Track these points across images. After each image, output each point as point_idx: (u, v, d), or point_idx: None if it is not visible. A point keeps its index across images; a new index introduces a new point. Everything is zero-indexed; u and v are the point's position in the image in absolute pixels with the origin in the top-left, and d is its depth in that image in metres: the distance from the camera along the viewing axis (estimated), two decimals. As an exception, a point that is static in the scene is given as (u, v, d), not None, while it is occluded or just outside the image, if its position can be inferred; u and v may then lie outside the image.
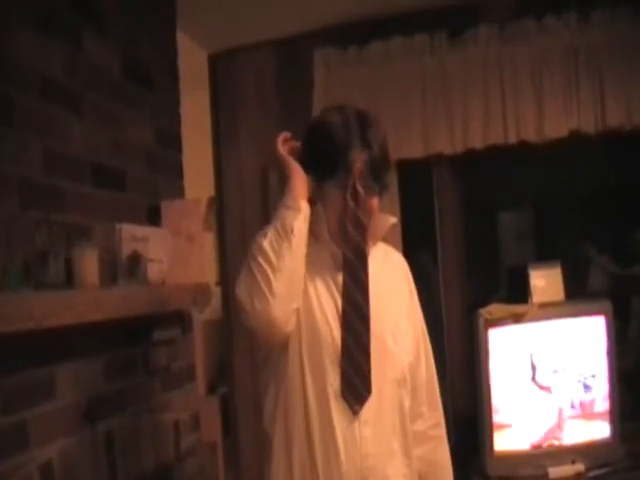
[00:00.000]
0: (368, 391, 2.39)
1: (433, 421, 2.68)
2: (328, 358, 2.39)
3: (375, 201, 2.47)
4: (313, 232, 2.46)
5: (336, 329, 2.40)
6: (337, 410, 2.37)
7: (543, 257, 4.99)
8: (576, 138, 4.41)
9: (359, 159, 2.39)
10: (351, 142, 2.40)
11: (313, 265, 2.44)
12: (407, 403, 2.55)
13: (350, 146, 2.39)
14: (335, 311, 2.42)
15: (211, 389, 4.48)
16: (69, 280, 2.85)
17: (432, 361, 2.73)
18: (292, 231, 2.32)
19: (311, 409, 2.38)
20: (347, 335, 2.37)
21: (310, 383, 2.39)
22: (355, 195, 2.38)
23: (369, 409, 2.39)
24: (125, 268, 3.20)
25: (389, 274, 2.62)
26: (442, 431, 2.72)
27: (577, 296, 4.56)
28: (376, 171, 2.42)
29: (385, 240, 2.69)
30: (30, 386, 2.65)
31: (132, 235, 3.27)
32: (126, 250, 3.22)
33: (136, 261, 3.22)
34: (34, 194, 2.82)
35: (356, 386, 2.37)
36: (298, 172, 2.42)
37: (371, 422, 2.39)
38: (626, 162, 4.87)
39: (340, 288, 2.42)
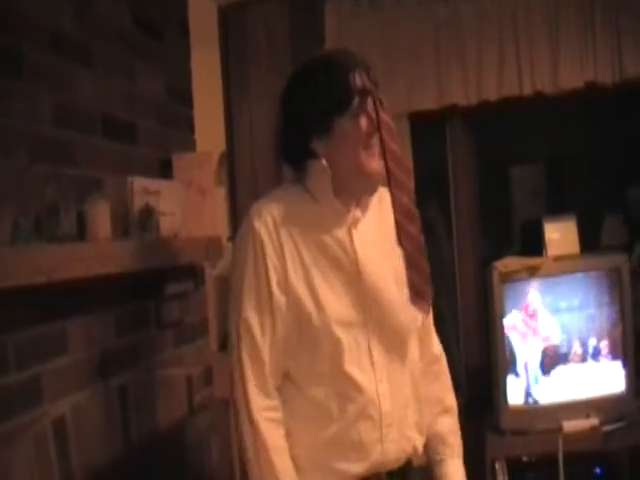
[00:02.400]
0: (431, 289, 2.42)
1: (430, 358, 2.66)
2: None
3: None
4: (311, 190, 2.40)
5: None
6: (356, 368, 2.32)
7: (555, 213, 4.95)
8: (592, 90, 4.37)
9: (367, 78, 2.31)
10: (354, 65, 2.31)
11: (314, 228, 2.35)
12: (416, 352, 2.53)
13: (356, 68, 2.30)
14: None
15: (223, 345, 4.45)
16: (81, 234, 2.83)
17: None
18: None
19: (326, 371, 2.32)
20: (406, 242, 2.36)
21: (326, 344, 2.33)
22: (381, 104, 2.29)
23: (382, 367, 2.35)
24: (137, 221, 3.18)
25: (385, 218, 2.51)
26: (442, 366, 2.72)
27: (590, 251, 4.53)
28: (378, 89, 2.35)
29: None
30: (42, 341, 2.63)
31: (144, 188, 3.24)
32: (138, 203, 3.19)
33: (148, 214, 3.19)
34: (44, 147, 2.78)
35: (423, 289, 2.39)
36: None
37: (386, 380, 2.35)
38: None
39: (350, 244, 2.36)
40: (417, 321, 2.48)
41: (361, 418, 2.32)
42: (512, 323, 4.15)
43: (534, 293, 4.17)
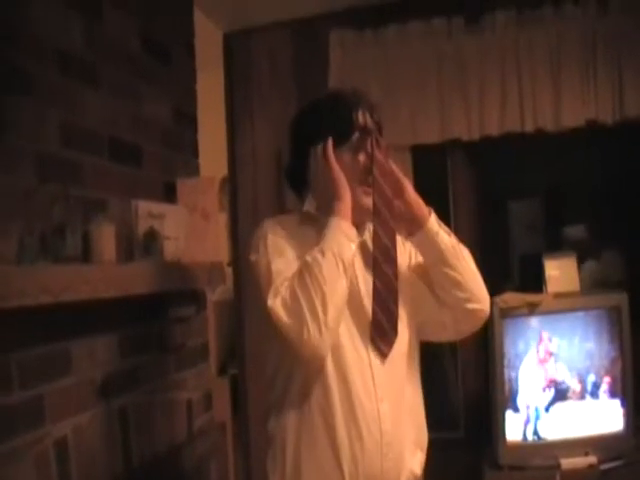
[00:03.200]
0: (395, 333, 2.39)
1: None
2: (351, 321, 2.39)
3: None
4: (308, 216, 2.52)
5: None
6: (359, 386, 2.35)
7: (553, 247, 4.95)
8: (593, 128, 4.38)
9: (370, 118, 2.44)
10: (360, 103, 2.44)
11: (304, 245, 2.39)
12: (412, 370, 2.55)
13: (360, 106, 2.43)
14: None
15: (222, 370, 4.46)
16: (85, 255, 2.83)
17: None
18: (349, 266, 2.30)
19: (332, 387, 2.35)
20: (378, 281, 2.36)
21: (330, 360, 2.35)
22: (378, 145, 2.39)
23: (383, 385, 2.38)
24: (141, 244, 3.19)
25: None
26: None
27: (589, 286, 4.53)
28: (380, 132, 2.46)
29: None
30: (46, 361, 2.64)
31: (148, 211, 3.25)
32: (142, 226, 3.20)
33: (152, 238, 3.20)
34: (51, 167, 2.80)
35: (384, 329, 2.37)
36: (348, 192, 2.38)
37: (386, 399, 2.38)
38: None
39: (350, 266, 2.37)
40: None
41: (363, 434, 2.34)
42: (520, 358, 4.15)
43: (534, 329, 4.16)
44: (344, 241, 2.29)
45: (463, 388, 4.85)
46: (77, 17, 3.03)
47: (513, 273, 5.31)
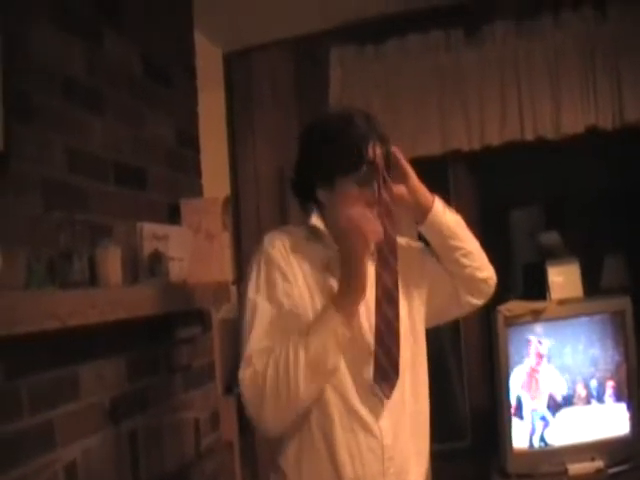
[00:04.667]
0: (396, 375, 2.36)
1: None
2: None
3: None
4: (316, 231, 2.48)
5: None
6: (358, 404, 2.36)
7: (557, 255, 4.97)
8: (593, 135, 4.40)
9: (379, 152, 2.38)
10: (372, 135, 2.38)
11: (320, 267, 2.42)
12: (421, 382, 2.57)
13: (371, 139, 2.37)
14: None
15: (228, 389, 4.46)
16: (92, 279, 2.85)
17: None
18: (329, 373, 2.31)
19: (331, 406, 2.36)
20: (380, 322, 2.34)
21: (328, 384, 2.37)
22: (385, 184, 2.35)
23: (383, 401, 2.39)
24: (146, 266, 3.21)
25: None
26: None
27: (591, 293, 4.54)
28: (388, 166, 2.41)
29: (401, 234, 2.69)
30: (55, 386, 2.66)
31: (153, 233, 3.27)
32: (147, 248, 3.22)
33: (157, 259, 3.22)
34: (57, 193, 2.82)
35: (387, 371, 2.35)
36: (365, 288, 2.29)
37: (387, 413, 2.39)
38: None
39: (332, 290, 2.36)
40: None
41: (363, 451, 2.35)
42: (519, 368, 4.16)
43: (539, 337, 4.18)
44: (332, 347, 2.26)
45: (469, 398, 4.87)
46: (79, 43, 3.06)
47: (516, 282, 5.33)
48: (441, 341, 5.09)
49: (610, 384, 4.21)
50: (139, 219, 3.29)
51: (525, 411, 4.18)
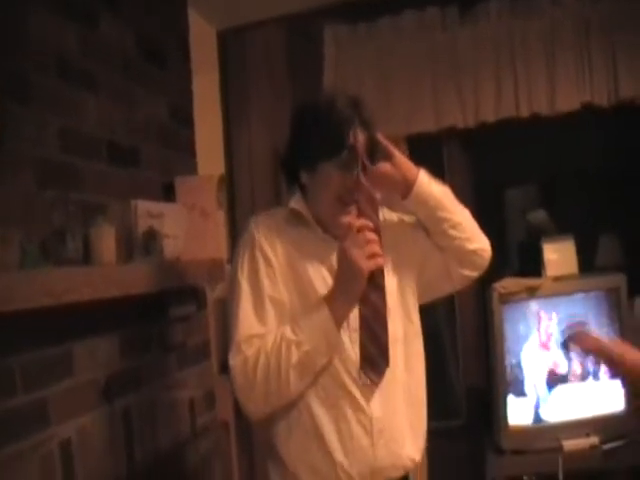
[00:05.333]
0: (386, 363, 2.37)
1: None
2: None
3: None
4: (296, 214, 2.52)
5: None
6: (345, 376, 2.39)
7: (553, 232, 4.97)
8: (588, 112, 4.39)
9: (362, 137, 2.40)
10: (354, 121, 2.40)
11: (303, 250, 2.45)
12: (415, 358, 2.58)
13: (353, 124, 2.39)
14: None
15: (223, 368, 4.45)
16: (86, 257, 2.85)
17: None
18: (318, 372, 2.35)
19: (318, 383, 2.39)
20: (365, 309, 2.34)
21: None
22: (365, 170, 2.37)
23: None
24: (141, 244, 3.20)
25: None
26: None
27: (586, 271, 4.55)
28: (372, 152, 2.43)
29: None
30: (49, 363, 2.67)
31: (147, 211, 3.27)
32: (142, 226, 3.22)
33: (152, 237, 3.22)
34: (51, 173, 2.82)
35: (375, 359, 2.36)
36: (362, 286, 2.30)
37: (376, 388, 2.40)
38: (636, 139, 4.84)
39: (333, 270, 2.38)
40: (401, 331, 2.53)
41: (352, 425, 2.38)
42: (527, 344, 4.17)
43: (537, 313, 4.19)
44: (322, 349, 2.30)
45: (464, 375, 4.88)
46: (73, 24, 3.05)
47: (511, 259, 5.33)
48: (436, 319, 5.10)
49: (605, 361, 4.22)
50: (134, 198, 3.29)
51: (520, 388, 4.18)
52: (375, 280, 2.32)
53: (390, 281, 2.49)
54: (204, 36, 4.76)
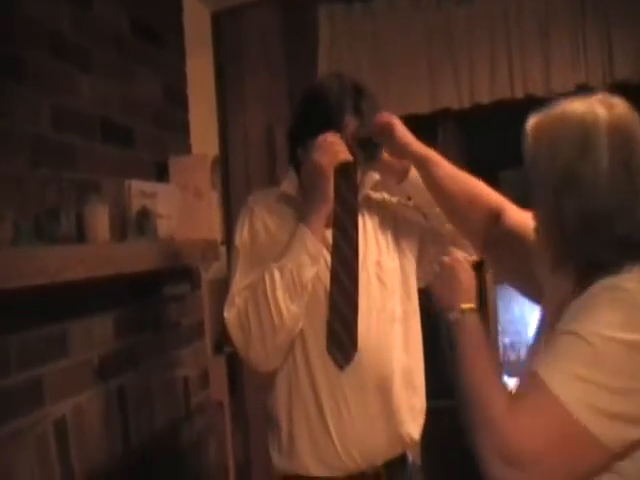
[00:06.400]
0: (354, 347, 2.37)
1: None
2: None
3: None
4: (286, 196, 2.55)
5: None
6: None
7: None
8: (583, 92, 4.38)
9: (351, 124, 2.41)
10: (345, 107, 2.42)
11: (292, 229, 2.43)
12: (413, 337, 2.59)
13: (344, 111, 2.41)
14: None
15: (217, 349, 4.46)
16: (80, 236, 2.84)
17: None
18: (307, 287, 2.34)
19: (315, 357, 2.41)
20: (334, 289, 2.37)
21: (309, 340, 2.42)
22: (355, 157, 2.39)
23: (368, 350, 2.41)
24: (134, 224, 3.20)
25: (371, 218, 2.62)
26: None
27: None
28: (364, 140, 2.43)
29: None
30: (43, 343, 2.66)
31: (141, 191, 3.27)
32: (135, 206, 3.21)
33: (145, 217, 3.21)
34: (44, 151, 2.81)
35: (343, 342, 2.37)
36: (329, 200, 2.36)
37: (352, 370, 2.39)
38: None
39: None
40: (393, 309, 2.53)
41: (348, 400, 2.39)
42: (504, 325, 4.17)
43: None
44: (305, 261, 2.32)
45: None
46: (67, 2, 3.02)
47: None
48: (431, 300, 5.10)
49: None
50: (127, 177, 3.29)
51: (514, 371, 4.18)
52: (348, 264, 2.38)
53: (391, 258, 2.53)
54: (198, 16, 4.74)
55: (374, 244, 2.55)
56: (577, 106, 1.75)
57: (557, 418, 1.57)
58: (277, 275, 2.29)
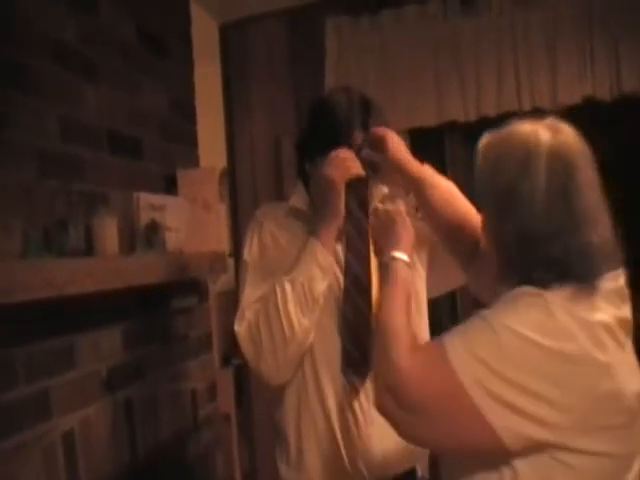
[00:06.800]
0: (368, 368, 2.33)
1: None
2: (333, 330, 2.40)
3: None
4: (295, 210, 2.53)
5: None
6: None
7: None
8: (590, 105, 4.38)
9: (359, 139, 2.40)
10: (353, 123, 2.40)
11: (300, 244, 2.42)
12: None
13: (352, 126, 2.40)
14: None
15: (225, 361, 4.46)
16: (88, 248, 2.84)
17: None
18: (318, 300, 2.34)
19: (323, 371, 2.40)
20: (347, 309, 2.36)
21: (318, 355, 2.41)
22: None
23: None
24: (143, 236, 3.20)
25: None
26: None
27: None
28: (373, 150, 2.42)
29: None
30: (51, 355, 2.66)
31: (150, 204, 3.27)
32: (144, 218, 3.21)
33: (154, 230, 3.21)
34: (52, 162, 2.81)
35: (357, 363, 2.35)
36: (339, 215, 2.36)
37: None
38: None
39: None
40: None
41: (356, 413, 2.37)
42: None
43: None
44: (317, 274, 2.32)
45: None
46: (73, 11, 3.03)
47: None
48: (438, 312, 5.08)
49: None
50: (135, 189, 3.29)
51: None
52: (360, 282, 2.35)
53: None
54: (206, 29, 4.76)
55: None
56: (524, 127, 1.80)
57: (448, 385, 1.64)
58: (288, 288, 2.29)
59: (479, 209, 1.98)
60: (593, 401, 1.64)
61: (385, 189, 2.56)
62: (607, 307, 1.70)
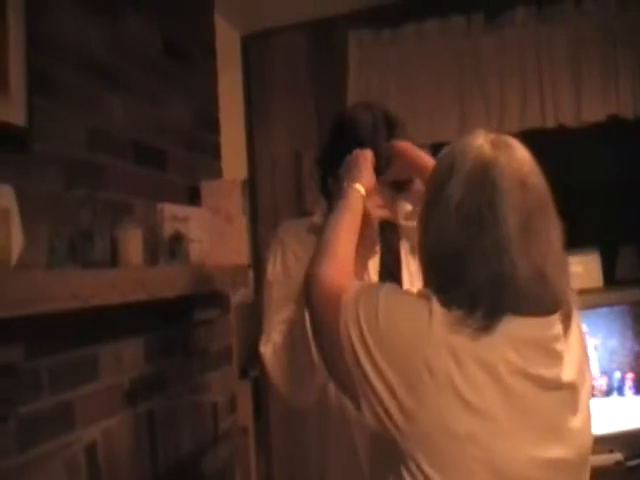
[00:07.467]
0: None
1: None
2: None
3: None
4: (318, 228, 2.44)
5: None
6: None
7: (570, 244, 4.94)
8: (613, 124, 4.36)
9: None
10: (377, 142, 2.38)
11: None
12: None
13: (376, 145, 2.36)
14: None
15: (243, 373, 4.45)
16: (113, 259, 2.83)
17: None
18: None
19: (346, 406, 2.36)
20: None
21: None
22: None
23: None
24: (167, 248, 3.19)
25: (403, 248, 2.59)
26: None
27: (607, 284, 4.50)
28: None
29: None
30: (75, 366, 2.65)
31: (173, 215, 3.26)
32: (168, 229, 3.20)
33: (178, 241, 3.20)
34: (78, 172, 2.81)
35: None
36: (373, 247, 2.36)
37: None
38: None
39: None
40: None
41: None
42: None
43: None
44: None
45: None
46: (99, 21, 3.04)
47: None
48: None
49: (629, 376, 4.17)
50: (159, 200, 3.29)
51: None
52: (392, 274, 2.41)
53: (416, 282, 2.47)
54: (228, 40, 4.77)
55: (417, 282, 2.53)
56: (469, 137, 1.78)
57: (332, 316, 1.73)
58: None
59: None
60: (447, 437, 1.59)
61: (409, 206, 2.54)
62: (508, 352, 1.64)
